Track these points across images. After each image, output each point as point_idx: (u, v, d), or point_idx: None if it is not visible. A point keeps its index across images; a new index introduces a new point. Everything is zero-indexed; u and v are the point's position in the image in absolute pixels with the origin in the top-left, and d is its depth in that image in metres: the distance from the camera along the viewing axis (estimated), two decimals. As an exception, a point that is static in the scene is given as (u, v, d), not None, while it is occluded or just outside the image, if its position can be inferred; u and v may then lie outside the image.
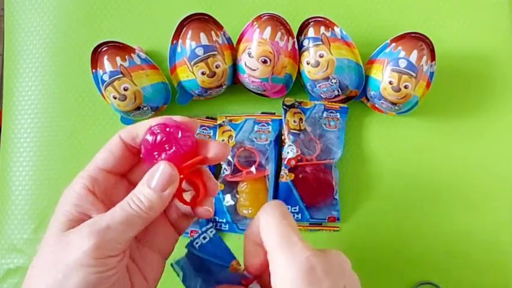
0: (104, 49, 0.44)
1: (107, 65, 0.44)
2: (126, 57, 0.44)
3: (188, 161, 0.29)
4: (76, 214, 0.28)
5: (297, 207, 0.47)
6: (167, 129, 0.29)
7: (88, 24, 0.52)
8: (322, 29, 0.45)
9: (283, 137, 0.48)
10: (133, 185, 0.31)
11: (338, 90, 0.46)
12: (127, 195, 0.29)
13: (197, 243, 0.31)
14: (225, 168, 0.47)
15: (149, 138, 0.29)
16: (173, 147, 0.29)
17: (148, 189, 0.28)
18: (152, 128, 0.29)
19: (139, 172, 0.32)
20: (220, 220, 0.47)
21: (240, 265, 0.30)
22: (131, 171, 0.32)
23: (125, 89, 0.44)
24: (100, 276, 0.26)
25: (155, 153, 0.29)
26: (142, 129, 0.30)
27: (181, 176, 0.29)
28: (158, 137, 0.29)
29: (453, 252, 0.48)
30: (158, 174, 0.28)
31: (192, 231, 0.47)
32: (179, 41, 0.45)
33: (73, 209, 0.28)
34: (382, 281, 0.48)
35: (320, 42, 0.45)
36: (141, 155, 0.30)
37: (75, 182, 0.29)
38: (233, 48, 0.47)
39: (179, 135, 0.29)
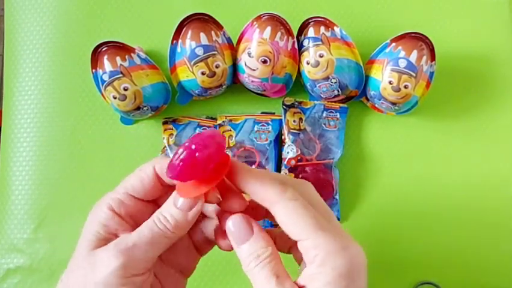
0: (104, 49, 0.44)
1: (107, 65, 0.44)
2: (126, 57, 0.44)
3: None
4: (104, 234, 0.28)
5: (297, 207, 0.47)
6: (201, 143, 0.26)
7: (88, 24, 0.52)
8: (322, 29, 0.45)
9: (283, 137, 0.48)
10: (155, 205, 0.31)
11: (338, 90, 0.46)
12: (148, 216, 0.29)
13: None
14: (224, 168, 0.47)
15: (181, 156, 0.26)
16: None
17: (174, 208, 0.28)
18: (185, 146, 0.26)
19: (167, 198, 0.32)
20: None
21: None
22: (160, 197, 0.32)
23: (125, 89, 0.44)
24: None
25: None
26: None
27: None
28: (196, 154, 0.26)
29: (453, 252, 0.48)
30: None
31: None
32: (179, 41, 0.45)
33: (101, 229, 0.28)
34: (382, 281, 0.48)
35: (320, 42, 0.45)
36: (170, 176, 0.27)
37: (102, 202, 0.29)
38: (233, 48, 0.47)
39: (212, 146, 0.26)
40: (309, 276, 0.26)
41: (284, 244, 0.32)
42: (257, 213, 0.32)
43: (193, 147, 0.26)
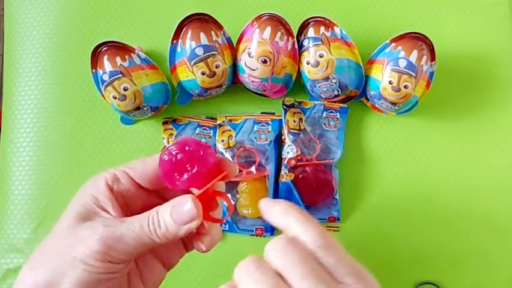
0: (104, 49, 0.44)
1: (107, 65, 0.44)
2: (126, 57, 0.44)
3: (214, 180, 0.29)
4: (93, 205, 0.29)
5: (297, 207, 0.47)
6: (187, 148, 0.28)
7: (88, 24, 0.52)
8: (322, 29, 0.45)
9: (283, 137, 0.48)
10: (155, 195, 0.32)
11: (338, 90, 0.46)
12: (143, 203, 0.30)
13: None
14: (224, 168, 0.47)
15: (167, 157, 0.28)
16: (196, 167, 0.28)
17: (170, 218, 0.28)
18: (170, 148, 0.28)
19: (166, 190, 0.32)
20: (220, 220, 0.47)
21: None
22: (157, 190, 0.32)
23: (125, 89, 0.44)
24: (99, 276, 0.27)
25: (176, 174, 0.28)
26: None
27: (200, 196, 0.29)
28: (178, 156, 0.28)
29: (453, 252, 0.48)
30: (183, 209, 0.28)
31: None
32: (179, 41, 0.45)
33: (91, 200, 0.29)
34: (382, 281, 0.47)
35: (320, 42, 0.45)
36: (160, 176, 0.29)
37: (99, 175, 0.30)
38: (233, 48, 0.47)
39: (201, 153, 0.28)
40: None
41: None
42: None
43: (172, 149, 0.28)
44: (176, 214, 0.28)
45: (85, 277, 0.26)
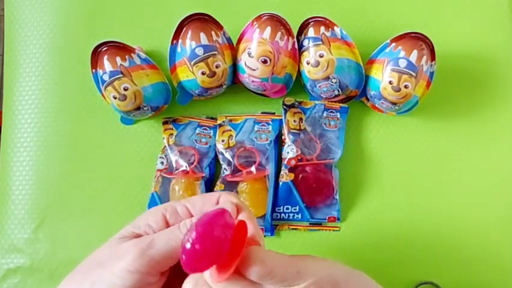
0: (104, 49, 0.44)
1: (107, 65, 0.44)
2: (126, 57, 0.44)
3: (235, 261, 0.25)
4: (141, 232, 0.30)
5: (297, 207, 0.47)
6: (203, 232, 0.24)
7: (88, 24, 0.52)
8: (322, 29, 0.45)
9: (283, 137, 0.48)
10: None
11: (338, 90, 0.46)
12: None
13: None
14: (225, 168, 0.47)
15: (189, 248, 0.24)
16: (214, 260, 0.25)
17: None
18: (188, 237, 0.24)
19: None
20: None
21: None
22: None
23: (125, 89, 0.44)
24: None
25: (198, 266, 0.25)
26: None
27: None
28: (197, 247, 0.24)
29: (453, 252, 0.48)
30: None
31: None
32: (179, 41, 0.45)
33: (146, 227, 0.30)
34: (382, 281, 0.47)
35: (320, 42, 0.45)
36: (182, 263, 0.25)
37: (163, 205, 0.31)
38: (233, 48, 0.47)
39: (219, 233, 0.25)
40: None
41: None
42: None
43: (191, 239, 0.24)
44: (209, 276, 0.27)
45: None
